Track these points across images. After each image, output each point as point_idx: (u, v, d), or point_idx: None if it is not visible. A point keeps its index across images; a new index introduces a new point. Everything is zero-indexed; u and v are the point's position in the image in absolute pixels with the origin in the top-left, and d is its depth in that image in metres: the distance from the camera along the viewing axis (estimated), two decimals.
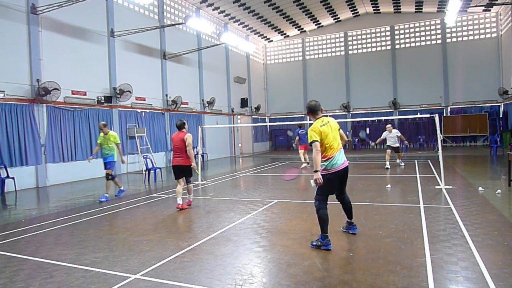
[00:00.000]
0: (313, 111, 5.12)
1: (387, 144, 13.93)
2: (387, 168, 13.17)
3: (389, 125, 14.01)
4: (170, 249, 4.96)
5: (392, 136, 13.70)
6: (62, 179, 13.14)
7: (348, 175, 5.16)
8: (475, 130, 24.21)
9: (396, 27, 27.34)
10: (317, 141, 4.81)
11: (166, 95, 18.68)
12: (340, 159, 4.98)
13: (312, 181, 5.13)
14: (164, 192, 9.99)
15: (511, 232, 5.19)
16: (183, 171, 7.84)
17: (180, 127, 7.88)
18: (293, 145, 16.59)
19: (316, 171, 4.72)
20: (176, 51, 19.24)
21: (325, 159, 4.92)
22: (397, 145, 13.86)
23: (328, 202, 4.94)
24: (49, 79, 12.39)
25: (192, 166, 7.78)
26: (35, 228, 6.51)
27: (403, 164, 14.09)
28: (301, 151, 15.23)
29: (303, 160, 15.23)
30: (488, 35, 24.87)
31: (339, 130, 5.21)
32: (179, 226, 6.36)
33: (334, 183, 4.98)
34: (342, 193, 5.26)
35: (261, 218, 6.59)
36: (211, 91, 22.50)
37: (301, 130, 15.13)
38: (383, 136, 13.93)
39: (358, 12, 27.40)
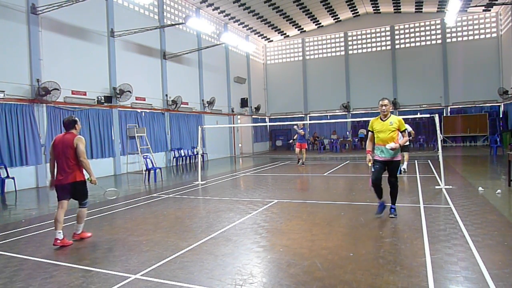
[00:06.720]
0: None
1: None
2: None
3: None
4: (170, 249, 4.96)
5: None
6: None
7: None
8: (475, 130, 24.21)
9: (396, 27, 27.34)
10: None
11: (166, 95, 18.67)
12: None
13: None
14: (164, 192, 9.98)
15: (511, 232, 5.19)
16: (74, 191, 5.55)
17: (69, 126, 5.50)
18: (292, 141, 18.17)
19: None
20: (176, 51, 19.23)
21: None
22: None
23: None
24: (49, 79, 12.39)
25: (91, 180, 5.55)
26: (35, 228, 6.52)
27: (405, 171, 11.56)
28: (297, 149, 16.16)
29: (299, 157, 16.13)
30: (488, 35, 24.87)
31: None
32: (179, 226, 6.35)
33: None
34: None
35: (261, 218, 6.59)
36: (211, 91, 22.49)
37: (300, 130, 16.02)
38: None
39: (358, 12, 27.40)
